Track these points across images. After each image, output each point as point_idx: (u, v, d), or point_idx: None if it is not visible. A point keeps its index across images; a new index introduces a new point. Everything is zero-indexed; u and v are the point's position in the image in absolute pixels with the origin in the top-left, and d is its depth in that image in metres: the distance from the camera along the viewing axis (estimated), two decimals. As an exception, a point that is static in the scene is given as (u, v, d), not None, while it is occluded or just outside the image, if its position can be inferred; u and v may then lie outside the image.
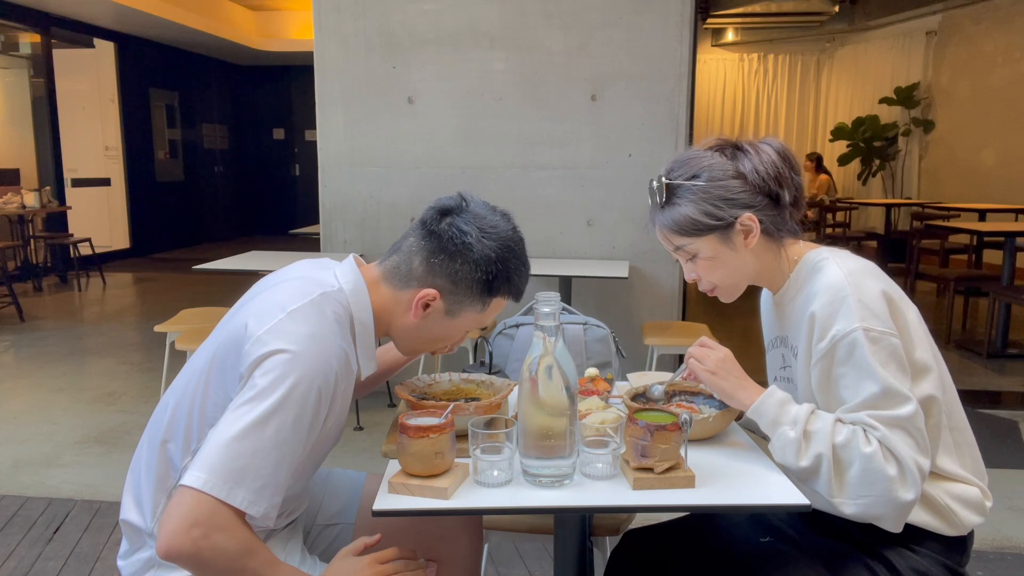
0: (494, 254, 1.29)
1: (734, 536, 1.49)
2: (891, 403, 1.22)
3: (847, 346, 1.25)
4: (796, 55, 11.81)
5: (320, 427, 1.23)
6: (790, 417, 1.28)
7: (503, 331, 2.21)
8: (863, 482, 1.21)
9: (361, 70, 4.30)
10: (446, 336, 1.38)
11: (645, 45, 4.12)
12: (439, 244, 1.30)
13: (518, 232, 1.36)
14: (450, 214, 1.32)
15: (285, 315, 1.21)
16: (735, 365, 1.38)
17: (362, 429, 3.93)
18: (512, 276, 1.32)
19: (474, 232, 1.30)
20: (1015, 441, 3.78)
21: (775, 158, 1.36)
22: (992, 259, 6.97)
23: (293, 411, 1.15)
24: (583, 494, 1.22)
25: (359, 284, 1.32)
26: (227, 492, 1.11)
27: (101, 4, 8.31)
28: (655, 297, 4.28)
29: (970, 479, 1.35)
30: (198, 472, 1.12)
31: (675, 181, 1.39)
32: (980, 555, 2.67)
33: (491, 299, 1.33)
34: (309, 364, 1.17)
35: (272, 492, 1.15)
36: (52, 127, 8.88)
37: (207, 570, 1.14)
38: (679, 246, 1.39)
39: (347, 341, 1.26)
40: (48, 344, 5.75)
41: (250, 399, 1.14)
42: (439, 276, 1.30)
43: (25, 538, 2.83)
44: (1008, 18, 8.58)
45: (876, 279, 1.31)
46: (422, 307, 1.31)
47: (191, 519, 1.10)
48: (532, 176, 4.29)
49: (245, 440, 1.13)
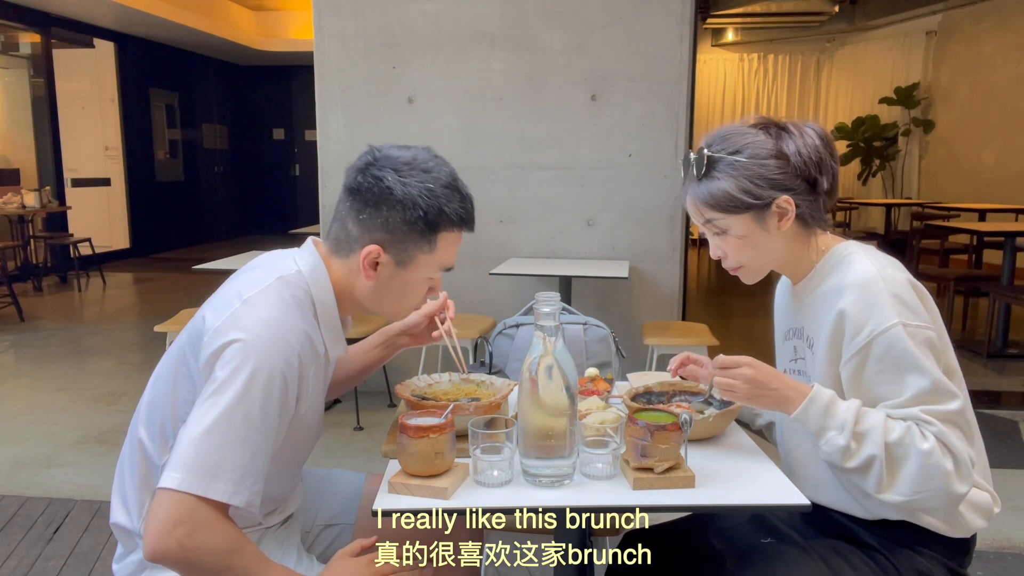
0: (416, 190, 1.25)
1: (734, 536, 1.49)
2: (942, 398, 1.22)
3: (886, 342, 1.23)
4: (796, 55, 11.81)
5: (292, 411, 1.22)
6: (837, 422, 1.24)
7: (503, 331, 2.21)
8: (920, 478, 1.20)
9: (361, 70, 4.30)
10: (412, 287, 1.33)
11: (645, 45, 4.11)
12: (362, 199, 1.27)
13: (441, 161, 1.31)
14: (366, 168, 1.28)
15: (241, 303, 1.20)
16: (766, 376, 1.30)
17: (362, 429, 3.93)
18: (445, 206, 1.27)
19: (390, 176, 1.25)
20: (1015, 441, 3.78)
21: (818, 142, 1.33)
22: (992, 259, 6.97)
23: (259, 398, 1.14)
24: (583, 494, 1.22)
25: (317, 264, 1.30)
26: (205, 487, 1.11)
27: (101, 4, 8.31)
28: (655, 297, 4.27)
29: (982, 483, 1.35)
30: (174, 472, 1.11)
31: (716, 154, 1.34)
32: (980, 555, 2.67)
33: (436, 236, 1.28)
34: (268, 350, 1.16)
35: (252, 480, 1.15)
36: (52, 127, 8.88)
37: (195, 570, 1.13)
38: (710, 219, 1.36)
39: (309, 323, 1.25)
40: (48, 344, 5.75)
41: (214, 392, 1.14)
42: (374, 231, 1.27)
43: (25, 538, 2.83)
44: (1008, 18, 8.58)
45: (903, 272, 1.30)
46: (371, 267, 1.28)
47: (173, 519, 1.10)
48: (532, 176, 4.29)
49: (215, 434, 1.12)
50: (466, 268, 4.39)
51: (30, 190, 7.83)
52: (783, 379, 1.31)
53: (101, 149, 10.10)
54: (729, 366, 1.31)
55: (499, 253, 4.32)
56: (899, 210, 9.82)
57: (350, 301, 1.34)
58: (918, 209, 8.65)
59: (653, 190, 4.19)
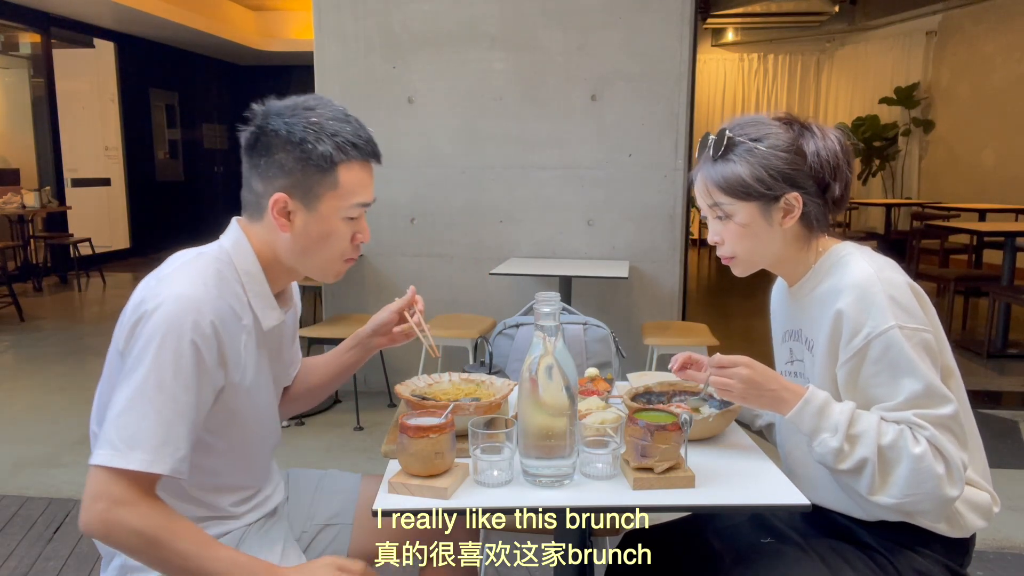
0: (301, 127, 1.24)
1: (734, 536, 1.49)
2: (935, 402, 1.22)
3: (882, 344, 1.23)
4: (796, 55, 11.81)
5: (214, 378, 1.21)
6: (831, 424, 1.25)
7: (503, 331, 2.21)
8: (911, 481, 1.21)
9: (361, 70, 4.30)
10: (332, 232, 1.29)
11: (645, 45, 4.11)
12: (255, 153, 1.28)
13: (327, 100, 1.29)
14: (254, 122, 1.29)
15: (156, 282, 1.23)
16: (762, 376, 1.29)
17: (362, 429, 3.93)
18: (335, 137, 1.25)
19: (275, 120, 1.25)
20: (1015, 441, 3.78)
21: (838, 148, 1.33)
22: (992, 259, 6.98)
23: (169, 366, 1.15)
24: (583, 494, 1.22)
25: (238, 237, 1.31)
26: (123, 459, 1.13)
27: (101, 4, 8.31)
28: (655, 297, 4.28)
29: (981, 483, 1.35)
30: (98, 449, 1.14)
31: (737, 137, 1.34)
32: (980, 555, 2.67)
33: (335, 169, 1.25)
34: (177, 319, 1.17)
35: (174, 447, 1.16)
36: (52, 127, 8.88)
37: (116, 545, 1.16)
38: (717, 202, 1.36)
39: (231, 293, 1.26)
40: (48, 344, 5.75)
41: (130, 368, 1.17)
42: (273, 180, 1.26)
43: (25, 538, 2.83)
44: (1008, 18, 8.58)
45: (901, 274, 1.30)
46: (283, 216, 1.27)
47: (94, 494, 1.13)
48: (532, 176, 4.29)
49: (132, 408, 1.14)
50: (466, 268, 4.41)
51: (30, 190, 7.83)
52: (779, 380, 1.31)
53: (101, 149, 10.10)
54: (726, 365, 1.31)
55: (499, 253, 4.32)
56: (899, 210, 9.82)
57: (279, 267, 1.33)
58: (918, 209, 8.65)
59: (653, 190, 4.19)
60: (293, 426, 3.97)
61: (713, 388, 1.36)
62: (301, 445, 3.73)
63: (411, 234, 4.41)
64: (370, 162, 1.31)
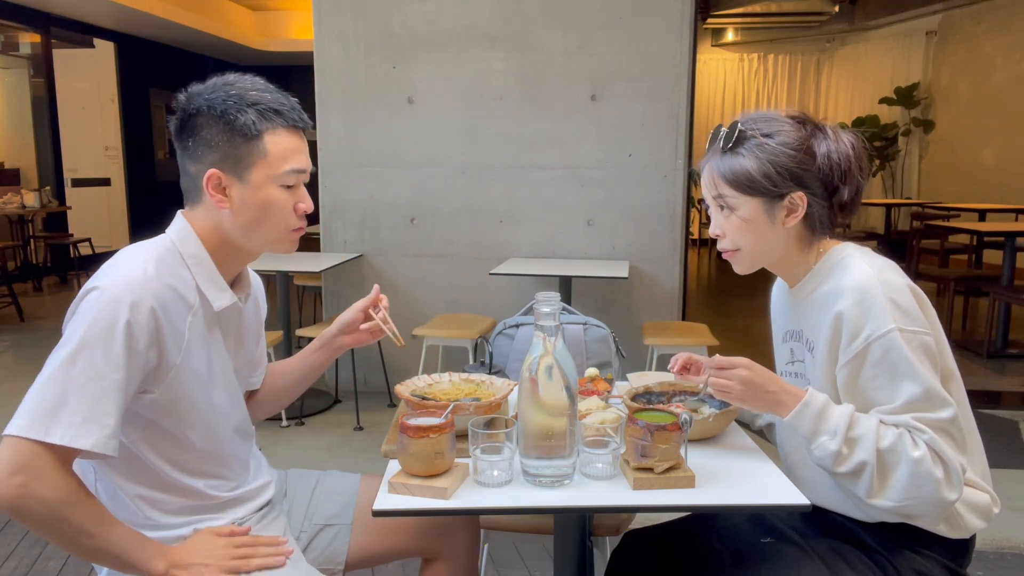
0: (220, 99, 1.27)
1: (734, 536, 1.49)
2: (934, 405, 1.22)
3: (882, 347, 1.23)
4: (796, 55, 11.81)
5: (146, 360, 1.20)
6: (830, 427, 1.24)
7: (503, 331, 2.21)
8: (910, 484, 1.21)
9: (361, 70, 4.30)
10: (270, 201, 1.29)
11: (645, 45, 4.12)
12: (183, 136, 1.30)
13: (248, 76, 1.34)
14: (179, 108, 1.32)
15: (102, 269, 1.24)
16: (762, 378, 1.29)
17: (362, 429, 3.93)
18: (255, 105, 1.27)
19: (193, 101, 1.29)
20: (1015, 441, 3.78)
21: (851, 152, 1.32)
22: (992, 259, 6.98)
23: (100, 346, 1.15)
24: (583, 494, 1.22)
25: (181, 224, 1.34)
26: (44, 431, 1.11)
27: (101, 4, 8.31)
28: (655, 297, 4.28)
29: (981, 484, 1.35)
30: (16, 419, 1.12)
31: (748, 131, 1.34)
32: (980, 555, 2.67)
33: (261, 138, 1.27)
34: (113, 300, 1.18)
35: (98, 424, 1.14)
36: (52, 127, 8.87)
37: (26, 519, 1.13)
38: (722, 194, 1.35)
39: (176, 276, 1.27)
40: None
41: (62, 343, 1.17)
42: (204, 158, 1.28)
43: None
44: (1008, 18, 8.58)
45: (901, 276, 1.29)
46: (219, 193, 1.28)
47: (12, 466, 1.10)
48: (532, 176, 4.29)
49: (56, 381, 1.14)
50: (466, 268, 4.41)
51: (30, 190, 7.83)
52: (779, 382, 1.31)
53: (101, 149, 10.10)
54: (725, 367, 1.31)
55: (499, 253, 4.32)
56: (899, 210, 9.82)
57: (227, 247, 1.34)
58: (918, 209, 8.65)
59: (653, 190, 4.19)
60: (293, 426, 3.97)
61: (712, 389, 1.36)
62: (301, 445, 3.73)
63: (411, 234, 4.41)
64: (298, 128, 1.32)
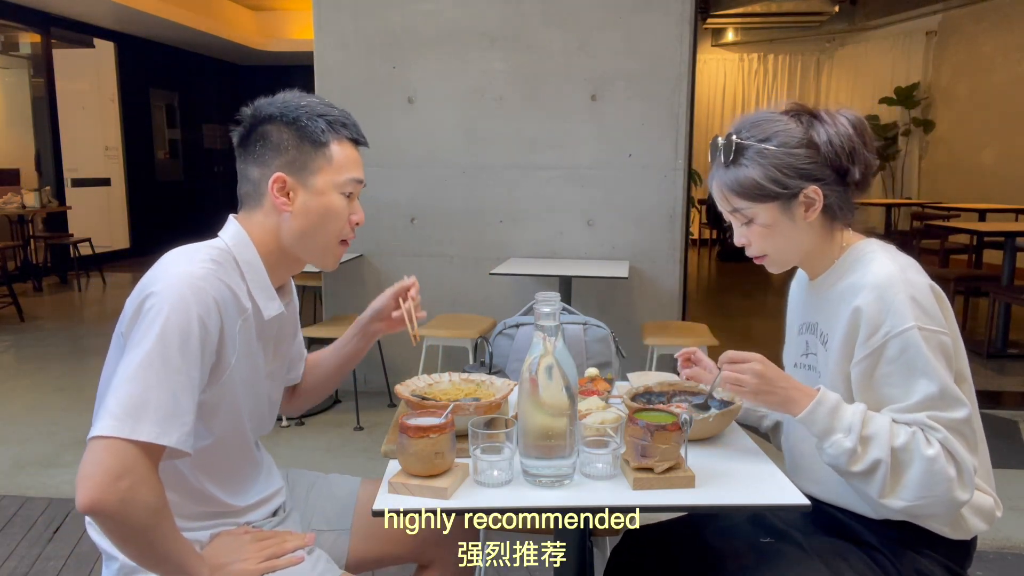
0: (293, 108, 1.31)
1: (734, 536, 1.49)
2: (949, 405, 1.21)
3: (900, 344, 1.22)
4: (796, 55, 11.81)
5: (215, 359, 1.22)
6: (844, 425, 1.23)
7: (503, 331, 2.21)
8: (923, 483, 1.20)
9: (361, 70, 4.30)
10: (330, 208, 1.32)
11: (645, 45, 4.11)
12: (249, 143, 1.33)
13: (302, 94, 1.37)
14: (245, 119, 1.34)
15: (158, 268, 1.25)
16: (775, 374, 1.29)
17: (362, 429, 3.93)
18: (325, 117, 1.31)
19: (264, 109, 1.32)
20: (1015, 441, 3.78)
21: (851, 131, 1.30)
22: (992, 259, 6.97)
23: (175, 340, 1.16)
24: (583, 494, 1.22)
25: (236, 229, 1.34)
26: (131, 429, 1.10)
27: (101, 4, 8.31)
28: (655, 297, 4.27)
29: (984, 487, 1.35)
30: (102, 421, 1.11)
31: (745, 141, 1.32)
32: (980, 555, 2.67)
33: (328, 145, 1.31)
34: (181, 296, 1.18)
35: (180, 420, 1.15)
36: (52, 127, 8.87)
37: (124, 523, 1.11)
38: (737, 208, 1.34)
39: (231, 279, 1.27)
40: (48, 344, 5.75)
41: (135, 344, 1.16)
42: (271, 161, 1.31)
43: (25, 538, 2.83)
44: (1008, 18, 8.58)
45: (923, 275, 1.29)
46: (283, 195, 1.30)
47: (116, 471, 1.09)
48: (532, 176, 4.29)
49: (136, 379, 1.13)
50: (466, 268, 4.41)
51: (30, 190, 7.83)
52: (790, 380, 1.30)
53: (101, 149, 10.10)
54: (738, 361, 1.30)
55: (499, 253, 4.32)
56: (899, 210, 9.82)
57: (280, 255, 1.35)
58: (918, 209, 8.65)
59: (653, 190, 4.19)
60: (293, 426, 3.97)
61: (720, 389, 1.35)
62: (301, 445, 3.73)
63: (411, 234, 4.41)
64: (359, 144, 1.37)
